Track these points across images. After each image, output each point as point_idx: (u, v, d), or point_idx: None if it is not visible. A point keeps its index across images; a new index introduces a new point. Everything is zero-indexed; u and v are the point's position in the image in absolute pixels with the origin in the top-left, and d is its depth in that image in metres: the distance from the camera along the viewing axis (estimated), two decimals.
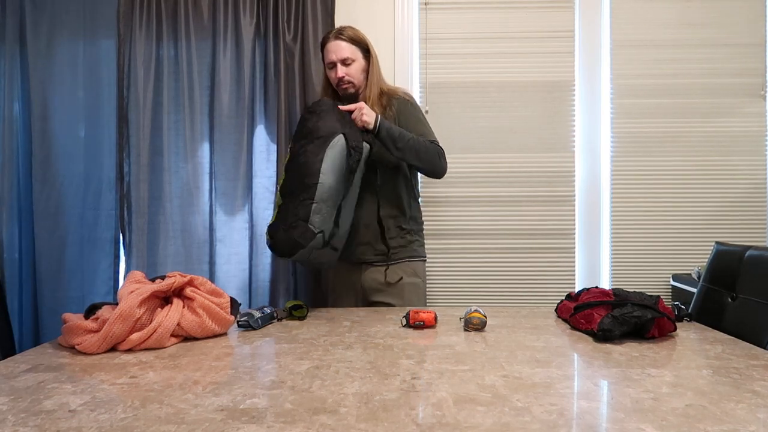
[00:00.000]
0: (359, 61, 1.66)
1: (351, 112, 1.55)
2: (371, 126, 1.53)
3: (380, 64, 1.76)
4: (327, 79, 1.73)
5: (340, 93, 1.70)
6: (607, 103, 2.25)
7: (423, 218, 2.30)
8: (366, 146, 1.52)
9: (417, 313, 1.29)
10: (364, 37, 1.69)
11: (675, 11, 2.23)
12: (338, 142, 1.45)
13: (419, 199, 1.82)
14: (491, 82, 2.25)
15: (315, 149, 1.43)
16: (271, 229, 1.43)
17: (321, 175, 1.41)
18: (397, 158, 1.59)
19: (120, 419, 0.72)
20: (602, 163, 2.26)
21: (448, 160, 2.25)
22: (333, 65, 1.66)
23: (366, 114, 1.52)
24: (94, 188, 2.16)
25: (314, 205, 1.40)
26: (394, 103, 1.67)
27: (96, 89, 2.17)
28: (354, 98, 1.69)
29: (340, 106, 1.55)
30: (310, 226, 1.39)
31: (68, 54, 2.16)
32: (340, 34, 1.65)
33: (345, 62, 1.64)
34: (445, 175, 2.25)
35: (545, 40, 2.25)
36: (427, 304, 2.23)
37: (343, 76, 1.65)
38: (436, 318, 1.30)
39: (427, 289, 2.25)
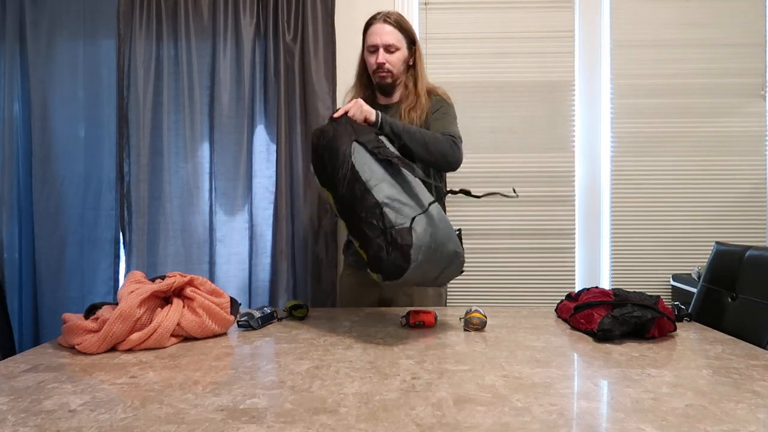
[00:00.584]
0: (402, 51, 1.55)
1: (345, 114, 1.34)
2: (372, 118, 1.36)
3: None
4: (362, 64, 1.61)
5: (375, 81, 1.58)
6: (607, 103, 2.25)
7: None
8: (384, 138, 1.32)
9: (417, 313, 1.29)
10: (411, 27, 1.58)
11: (675, 11, 2.23)
12: (355, 148, 1.23)
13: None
14: (491, 82, 2.25)
15: (347, 173, 1.19)
16: (374, 264, 1.12)
17: (367, 182, 1.17)
18: (404, 151, 1.42)
19: (120, 419, 0.72)
20: (602, 163, 2.26)
21: None
22: (375, 49, 1.53)
23: (364, 107, 1.35)
24: (94, 188, 2.16)
25: (385, 207, 1.13)
26: (433, 98, 1.59)
27: (96, 89, 2.17)
28: (389, 89, 1.59)
29: (335, 115, 1.35)
30: (399, 225, 1.11)
31: (68, 54, 2.16)
32: (388, 17, 1.53)
33: (388, 49, 1.52)
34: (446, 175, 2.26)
35: (545, 40, 2.25)
36: None
37: (384, 63, 1.52)
38: (436, 318, 1.30)
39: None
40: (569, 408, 0.76)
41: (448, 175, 2.25)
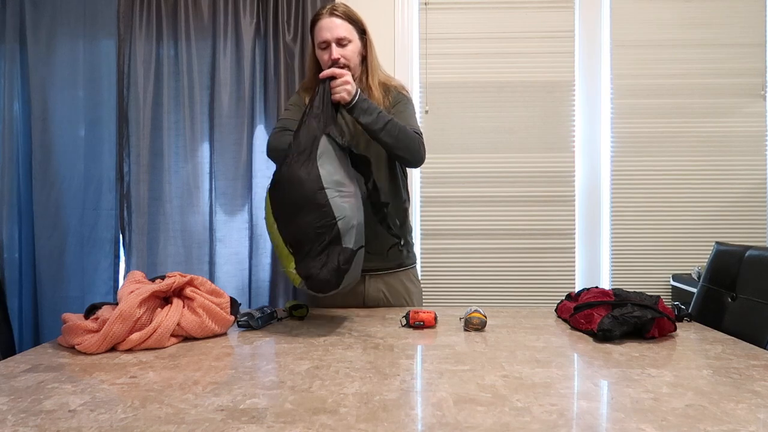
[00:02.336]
0: (355, 43, 1.49)
1: (331, 79, 1.31)
2: (348, 98, 1.31)
3: (381, 64, 1.61)
4: (315, 62, 1.53)
5: None
6: (607, 103, 2.25)
7: (422, 218, 2.30)
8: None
9: (417, 313, 1.29)
10: (360, 16, 1.51)
11: (675, 11, 2.23)
12: (325, 147, 1.23)
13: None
14: (491, 82, 2.25)
15: (302, 165, 1.20)
16: (302, 271, 1.18)
17: (327, 190, 1.18)
18: (373, 138, 1.41)
19: (120, 419, 0.72)
20: (602, 163, 2.26)
21: (447, 160, 2.28)
22: (327, 45, 1.46)
23: (350, 86, 1.31)
24: (94, 188, 2.16)
25: (339, 222, 1.18)
26: (392, 92, 1.54)
27: (96, 89, 2.17)
28: None
29: (321, 74, 1.32)
30: (345, 246, 1.19)
31: (68, 54, 2.16)
32: (335, 10, 1.46)
33: (341, 42, 1.45)
34: (446, 175, 2.27)
35: (545, 40, 2.25)
36: (428, 304, 2.23)
37: (339, 58, 1.45)
38: (436, 318, 1.30)
39: (428, 289, 2.25)
40: (569, 408, 0.76)
41: (450, 175, 2.26)
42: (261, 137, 2.16)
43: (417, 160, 1.47)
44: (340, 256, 1.17)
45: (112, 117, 2.15)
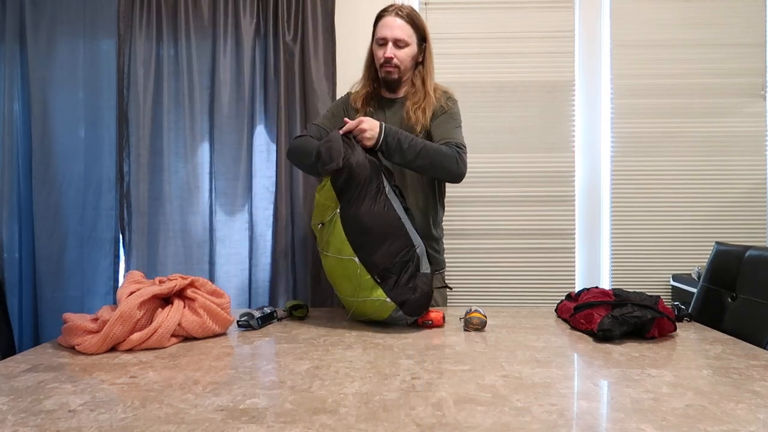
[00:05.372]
0: (412, 47, 1.51)
1: (351, 131, 1.35)
2: (372, 143, 1.35)
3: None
4: (370, 57, 1.57)
5: (381, 75, 1.54)
6: (607, 103, 2.25)
7: None
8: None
9: (426, 312, 1.29)
10: (424, 23, 1.54)
11: (675, 11, 2.23)
12: (389, 189, 1.33)
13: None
14: (491, 82, 2.25)
15: (375, 197, 1.29)
16: (397, 298, 1.25)
17: (402, 220, 1.30)
18: (408, 168, 1.44)
19: (120, 419, 0.72)
20: (602, 163, 2.26)
21: None
22: (384, 42, 1.50)
23: (368, 131, 1.34)
24: (94, 188, 2.16)
25: (417, 249, 1.29)
26: (441, 102, 1.55)
27: (96, 89, 2.17)
28: (394, 85, 1.56)
29: (341, 131, 1.35)
30: (424, 272, 1.29)
31: (68, 54, 2.16)
32: (400, 11, 1.49)
33: (397, 43, 1.49)
34: None
35: (545, 40, 2.25)
36: None
37: (392, 58, 1.48)
38: (444, 318, 1.30)
39: None
40: (569, 408, 0.76)
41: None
42: (261, 137, 2.16)
43: (456, 177, 1.45)
44: (424, 281, 1.27)
45: (112, 117, 2.15)
